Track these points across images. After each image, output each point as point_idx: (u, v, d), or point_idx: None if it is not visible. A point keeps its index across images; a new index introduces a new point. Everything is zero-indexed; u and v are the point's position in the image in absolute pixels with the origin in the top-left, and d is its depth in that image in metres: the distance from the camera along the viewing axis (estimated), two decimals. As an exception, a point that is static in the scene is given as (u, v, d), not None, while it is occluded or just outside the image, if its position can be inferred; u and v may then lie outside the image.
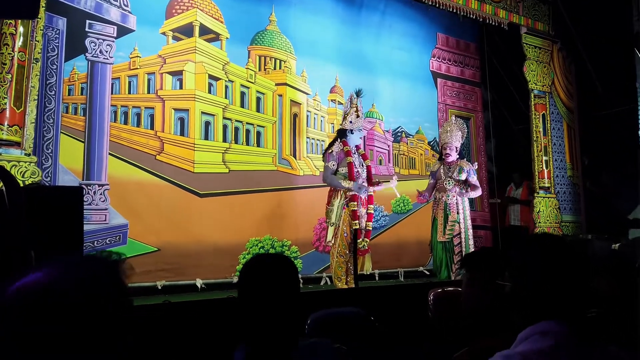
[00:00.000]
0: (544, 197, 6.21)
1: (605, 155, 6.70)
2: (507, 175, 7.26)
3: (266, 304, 1.11)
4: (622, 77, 6.11)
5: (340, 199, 4.51)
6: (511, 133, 7.61)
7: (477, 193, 5.18)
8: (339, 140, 4.66)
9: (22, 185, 2.90)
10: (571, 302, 1.05)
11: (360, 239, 4.48)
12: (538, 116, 6.30)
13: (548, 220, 6.17)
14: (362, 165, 4.67)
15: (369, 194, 4.63)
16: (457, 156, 5.10)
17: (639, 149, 5.81)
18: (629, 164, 6.36)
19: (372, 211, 4.68)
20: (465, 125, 5.33)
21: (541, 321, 1.05)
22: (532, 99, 6.28)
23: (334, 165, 4.55)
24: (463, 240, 4.97)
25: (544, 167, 6.25)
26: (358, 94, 4.73)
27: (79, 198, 1.91)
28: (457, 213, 4.98)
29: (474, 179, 5.09)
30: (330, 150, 4.63)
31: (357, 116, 4.64)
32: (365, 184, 4.57)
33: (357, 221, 4.47)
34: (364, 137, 5.23)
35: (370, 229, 4.66)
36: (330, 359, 1.15)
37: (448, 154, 5.06)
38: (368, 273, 4.72)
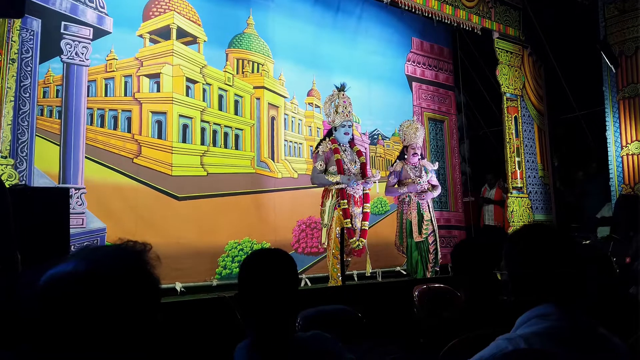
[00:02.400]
0: (517, 197, 6.39)
1: (574, 156, 6.94)
2: (480, 176, 7.45)
3: (268, 296, 1.13)
4: (589, 80, 6.35)
5: (332, 199, 4.35)
6: (484, 135, 7.81)
7: (438, 192, 5.18)
8: (327, 139, 4.52)
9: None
10: (566, 286, 1.11)
11: (354, 239, 4.36)
12: (510, 118, 6.48)
13: (521, 220, 6.34)
14: (355, 162, 4.49)
15: (364, 192, 4.48)
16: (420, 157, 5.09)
17: (607, 150, 6.05)
18: (597, 165, 6.62)
19: (368, 210, 4.53)
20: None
21: (538, 305, 1.10)
22: (505, 102, 6.45)
23: (321, 165, 4.40)
24: (437, 238, 5.04)
25: (517, 168, 6.42)
26: (341, 88, 4.57)
27: (64, 199, 1.89)
28: (429, 212, 5.00)
29: (435, 179, 5.14)
30: (316, 151, 4.49)
31: (337, 112, 4.49)
32: (356, 177, 4.38)
33: (348, 220, 4.31)
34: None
35: (367, 228, 4.50)
36: (329, 349, 1.18)
37: (416, 153, 5.01)
38: (369, 274, 4.66)
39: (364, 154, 4.85)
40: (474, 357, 1.06)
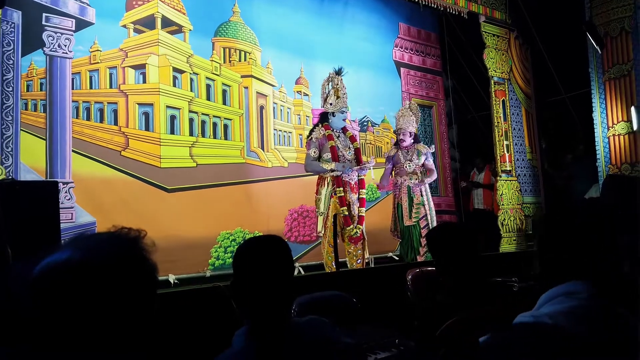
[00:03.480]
0: (506, 180, 6.43)
1: (561, 139, 6.99)
2: (469, 161, 7.48)
3: (264, 282, 1.13)
4: (575, 62, 6.38)
5: (328, 186, 4.29)
6: (472, 120, 7.83)
7: (433, 177, 5.08)
8: (320, 125, 4.43)
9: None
10: (596, 263, 1.05)
11: (351, 226, 4.31)
12: (498, 102, 6.49)
13: (510, 203, 6.39)
14: (349, 148, 4.43)
15: (359, 177, 4.43)
16: (412, 140, 5.00)
17: (593, 131, 6.10)
18: (584, 146, 6.68)
19: (364, 196, 4.48)
20: (419, 110, 5.30)
21: (566, 282, 1.05)
22: (492, 86, 6.46)
23: (315, 152, 4.33)
24: (430, 222, 5.01)
25: (505, 151, 6.45)
26: (338, 72, 4.47)
27: (54, 192, 1.86)
28: (421, 195, 4.95)
29: (430, 163, 5.03)
30: (309, 138, 4.40)
31: (337, 97, 4.38)
32: (350, 164, 4.34)
33: (344, 207, 4.26)
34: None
35: (363, 214, 4.43)
36: (326, 334, 1.18)
37: (402, 139, 4.95)
38: (367, 260, 4.57)
39: (357, 139, 4.80)
40: (494, 335, 1.01)
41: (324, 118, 4.48)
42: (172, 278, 4.48)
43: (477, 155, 7.30)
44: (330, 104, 4.41)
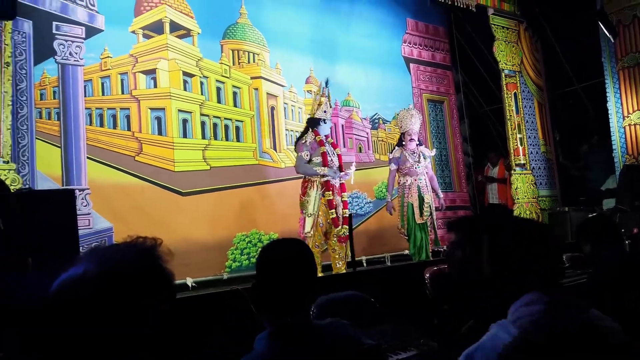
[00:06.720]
0: (520, 174, 6.36)
1: (576, 130, 6.90)
2: (483, 155, 7.42)
3: (290, 284, 1.13)
4: (587, 52, 6.29)
5: (317, 189, 4.51)
6: (484, 113, 7.76)
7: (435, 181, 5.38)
8: (310, 130, 4.64)
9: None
10: (545, 274, 1.20)
11: (340, 227, 4.52)
12: (510, 95, 6.43)
13: (526, 196, 6.33)
14: (334, 154, 4.69)
15: (341, 182, 4.67)
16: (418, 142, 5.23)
17: (608, 122, 6.01)
18: (599, 137, 6.59)
19: (347, 199, 4.73)
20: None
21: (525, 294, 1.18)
22: (504, 79, 6.40)
23: (307, 155, 4.55)
24: (434, 220, 5.18)
25: (519, 145, 6.39)
26: (327, 83, 4.72)
27: (71, 201, 1.88)
28: (429, 195, 5.14)
29: (429, 166, 5.32)
30: (303, 141, 4.61)
31: (330, 106, 4.69)
32: (338, 171, 4.62)
33: (333, 210, 4.50)
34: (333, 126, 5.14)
35: (347, 215, 4.62)
36: (348, 335, 1.17)
37: (412, 139, 5.13)
38: (348, 260, 4.75)
39: (338, 145, 5.03)
40: (471, 347, 1.09)
41: (314, 124, 4.65)
42: (189, 281, 4.50)
43: (490, 150, 7.23)
44: (324, 112, 4.63)
